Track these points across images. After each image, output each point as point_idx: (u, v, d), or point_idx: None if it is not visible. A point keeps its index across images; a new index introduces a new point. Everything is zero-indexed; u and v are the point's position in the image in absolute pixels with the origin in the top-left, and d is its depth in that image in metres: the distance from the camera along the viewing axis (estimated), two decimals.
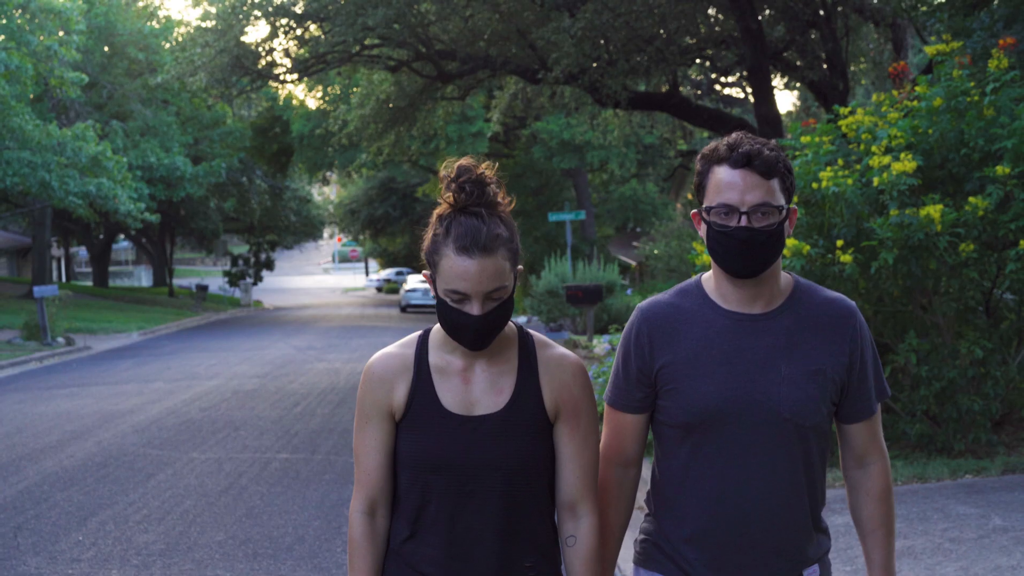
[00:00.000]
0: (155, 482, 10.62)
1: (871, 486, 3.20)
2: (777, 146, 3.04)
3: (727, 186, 2.99)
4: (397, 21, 18.46)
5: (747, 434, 3.06)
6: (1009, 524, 7.28)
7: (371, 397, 3.08)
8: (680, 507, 3.16)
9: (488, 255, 2.91)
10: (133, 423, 14.52)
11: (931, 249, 8.87)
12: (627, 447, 3.24)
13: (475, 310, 2.93)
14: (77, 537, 8.56)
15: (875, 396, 3.18)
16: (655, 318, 3.17)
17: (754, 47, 16.33)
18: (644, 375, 3.17)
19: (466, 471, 2.99)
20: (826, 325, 3.11)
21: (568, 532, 3.13)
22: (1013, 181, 9.00)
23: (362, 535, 3.06)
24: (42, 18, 31.96)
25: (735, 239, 2.99)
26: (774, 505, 3.07)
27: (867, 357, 3.15)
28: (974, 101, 9.40)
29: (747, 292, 3.10)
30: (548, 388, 3.08)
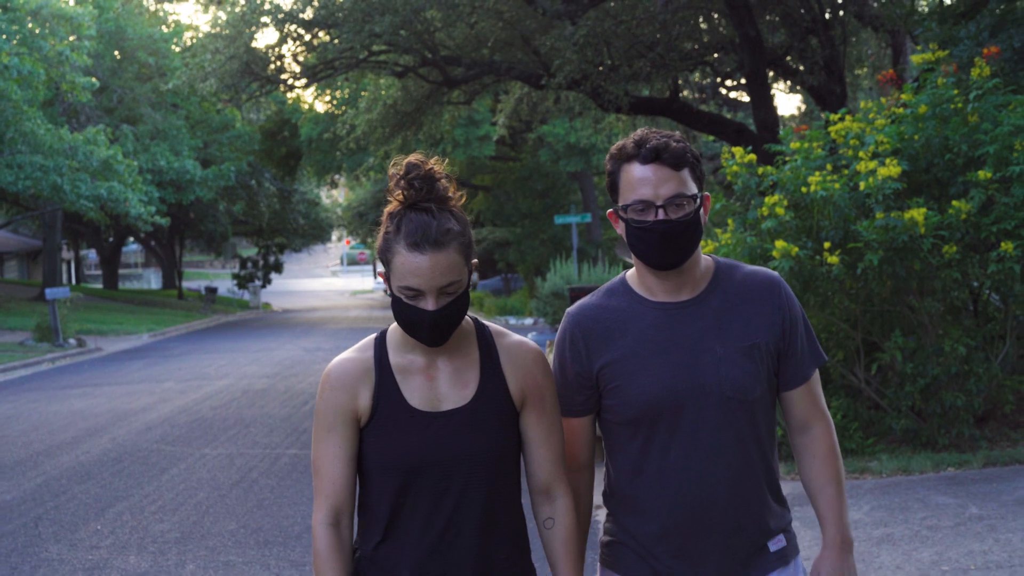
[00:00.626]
0: (169, 476, 11.00)
1: (815, 447, 3.24)
2: (683, 137, 3.10)
3: (640, 182, 3.05)
4: (404, 28, 18.80)
5: (695, 419, 3.10)
6: (985, 513, 7.62)
7: (332, 404, 3.04)
8: (640, 501, 3.19)
9: (440, 250, 2.91)
10: (146, 421, 14.91)
11: (915, 251, 9.22)
12: (576, 451, 3.27)
13: (430, 305, 2.93)
14: (96, 526, 8.95)
15: (810, 361, 3.23)
16: (586, 321, 3.23)
17: (752, 53, 16.68)
18: (583, 378, 3.21)
19: (439, 468, 2.99)
20: (752, 298, 3.18)
21: (545, 515, 3.15)
22: (995, 185, 9.35)
23: (328, 547, 3.01)
24: (53, 24, 32.36)
25: (654, 233, 3.05)
26: (733, 484, 3.11)
27: (797, 323, 3.22)
28: (958, 108, 9.76)
29: (672, 282, 3.16)
30: (512, 376, 3.10)
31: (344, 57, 19.94)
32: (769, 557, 3.19)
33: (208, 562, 7.87)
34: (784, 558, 3.21)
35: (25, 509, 9.63)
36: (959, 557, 6.75)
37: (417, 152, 3.04)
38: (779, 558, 3.20)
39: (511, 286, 53.15)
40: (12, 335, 31.20)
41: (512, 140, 44.40)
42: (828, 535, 3.23)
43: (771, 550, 3.19)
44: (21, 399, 18.19)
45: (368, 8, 18.04)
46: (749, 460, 3.14)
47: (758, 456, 3.17)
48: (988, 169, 9.32)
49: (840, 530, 3.22)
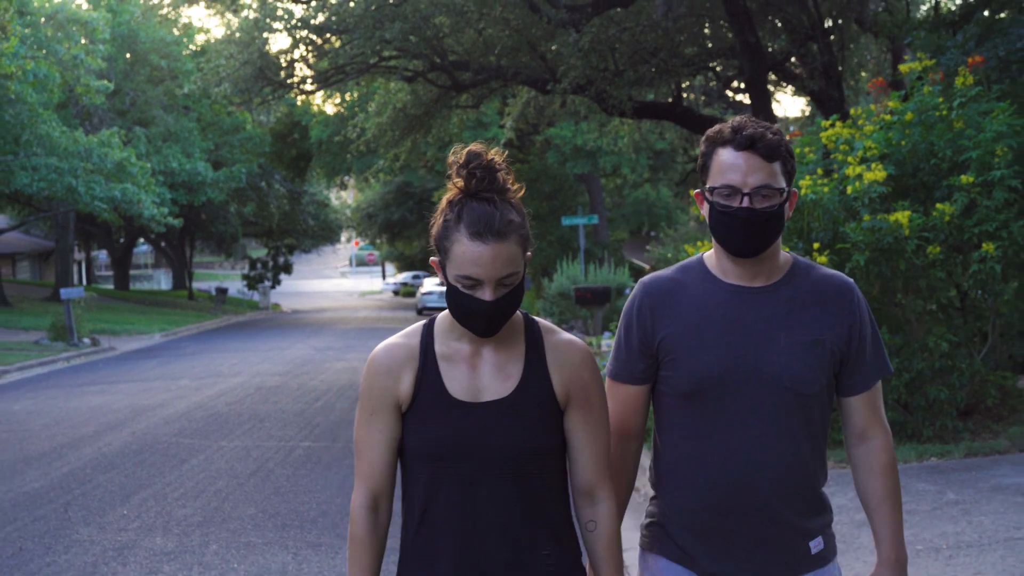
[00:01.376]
0: (188, 466, 11.49)
1: (873, 461, 3.24)
2: (779, 130, 3.13)
3: (730, 168, 3.07)
4: (413, 34, 19.32)
5: (748, 403, 3.12)
6: (961, 498, 8.08)
7: (376, 388, 3.06)
8: (683, 479, 3.21)
9: (501, 241, 2.90)
10: (164, 416, 15.40)
11: (900, 251, 9.68)
12: (629, 419, 3.30)
13: (488, 296, 2.92)
14: (122, 511, 9.44)
15: (875, 370, 3.25)
16: (656, 291, 3.26)
17: (752, 60, 17.17)
18: (646, 346, 3.24)
19: (476, 459, 2.97)
20: (825, 298, 3.19)
21: (587, 518, 3.13)
22: (977, 189, 9.80)
23: (364, 530, 3.05)
24: (68, 28, 32.90)
25: (737, 219, 3.07)
26: (776, 473, 3.12)
27: (866, 331, 3.22)
28: (943, 115, 10.22)
29: (747, 269, 3.19)
30: (557, 373, 3.07)
31: (355, 62, 20.43)
32: (808, 559, 3.21)
33: (230, 543, 8.36)
34: (822, 560, 3.24)
35: (54, 496, 10.13)
36: (933, 537, 7.21)
37: (478, 142, 3.05)
38: (817, 560, 3.23)
39: None
40: (27, 334, 31.70)
41: (520, 142, 44.81)
42: (884, 552, 3.23)
43: (812, 552, 3.21)
44: (40, 396, 18.68)
45: (379, 15, 18.55)
46: (797, 454, 3.16)
47: (807, 452, 3.18)
48: (971, 173, 9.77)
49: (895, 548, 3.22)
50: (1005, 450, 9.65)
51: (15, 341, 29.70)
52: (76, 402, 17.42)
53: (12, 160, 31.21)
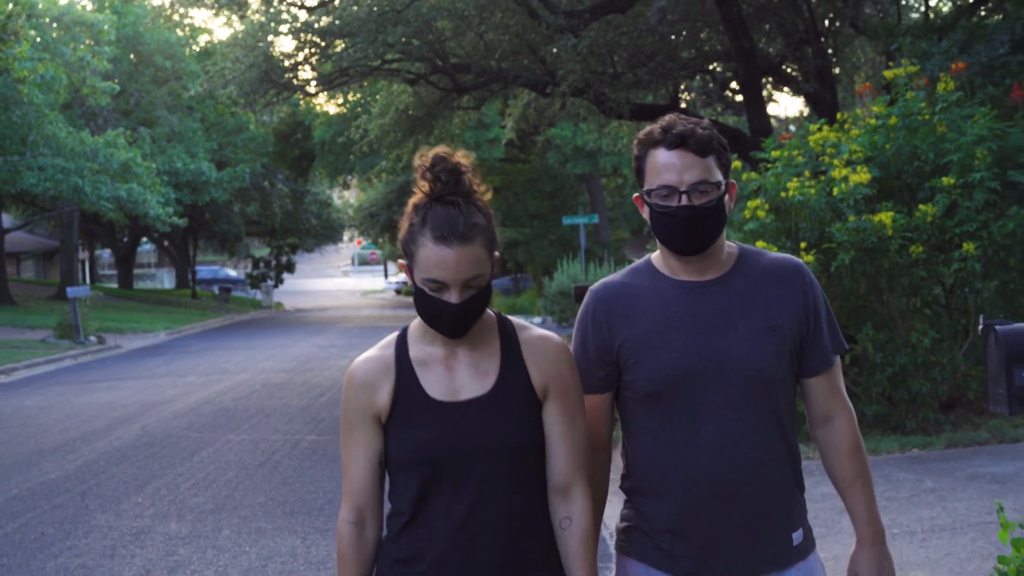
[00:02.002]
0: (199, 458, 11.89)
1: (839, 442, 3.22)
2: (710, 125, 3.12)
3: (664, 167, 3.06)
4: (415, 37, 19.71)
5: (714, 396, 3.08)
6: (938, 486, 8.48)
7: (354, 403, 3.06)
8: (657, 481, 3.16)
9: (466, 244, 2.91)
10: (172, 411, 15.81)
11: (884, 251, 10.07)
12: (595, 429, 3.24)
13: (453, 298, 2.92)
14: (137, 499, 9.85)
15: (832, 348, 3.23)
16: (609, 297, 3.23)
17: (746, 64, 17.57)
18: (604, 353, 3.21)
19: (459, 458, 2.95)
20: (776, 282, 3.18)
21: (562, 515, 3.07)
22: (958, 190, 10.19)
23: (349, 546, 3.04)
24: (74, 30, 33.30)
25: (677, 218, 3.06)
26: (754, 467, 3.09)
27: (820, 310, 3.21)
28: (926, 120, 10.61)
29: (695, 265, 3.16)
30: (534, 367, 3.05)
31: (359, 66, 20.82)
32: (791, 551, 3.17)
33: (241, 528, 8.77)
34: (803, 551, 3.20)
35: (70, 485, 10.54)
36: (909, 522, 7.60)
37: (443, 145, 3.03)
38: (799, 552, 3.18)
39: (520, 286, 53.95)
40: (32, 333, 32.02)
41: (521, 142, 45.22)
42: (861, 530, 3.24)
43: (794, 543, 3.17)
44: (50, 392, 19.07)
45: (382, 19, 18.92)
46: (770, 442, 3.14)
47: (779, 438, 3.16)
48: (952, 176, 10.16)
49: (872, 524, 3.22)
50: (984, 441, 10.05)
51: (22, 339, 30.05)
52: (85, 398, 17.81)
53: (18, 160, 31.61)
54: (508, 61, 21.11)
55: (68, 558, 8.00)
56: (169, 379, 20.64)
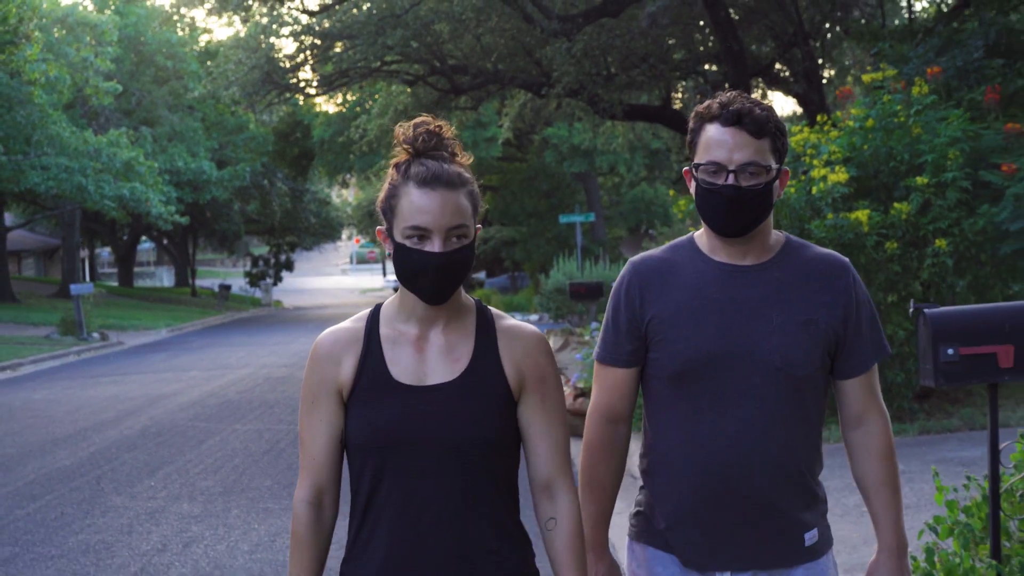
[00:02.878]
0: (206, 446, 12.39)
1: (871, 444, 3.12)
2: (769, 107, 3.03)
3: (716, 144, 2.98)
4: (414, 40, 20.25)
5: (739, 384, 3.02)
6: (907, 468, 8.98)
7: (318, 375, 2.91)
8: (672, 465, 3.11)
9: (451, 190, 2.79)
10: (178, 403, 16.31)
11: (860, 247, 10.58)
12: (617, 403, 3.18)
13: (437, 247, 2.77)
14: (149, 483, 10.36)
15: (871, 352, 3.14)
16: (645, 270, 3.16)
17: (736, 67, 18.08)
18: (634, 326, 3.13)
19: (420, 447, 2.82)
20: (819, 277, 3.09)
21: (547, 515, 2.95)
22: (931, 189, 10.71)
23: (305, 526, 2.91)
24: (78, 31, 33.79)
25: (722, 197, 2.98)
26: (767, 458, 3.01)
27: (862, 311, 3.12)
28: (902, 122, 11.12)
29: (737, 247, 3.08)
30: (509, 357, 2.92)
31: (359, 67, 21.34)
32: (802, 550, 3.09)
33: (250, 509, 9.28)
34: (815, 552, 3.12)
35: (85, 471, 11.04)
36: None
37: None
38: (811, 552, 3.11)
39: (517, 284, 54.43)
40: (35, 329, 32.46)
41: (518, 141, 45.67)
42: (884, 538, 3.13)
43: (806, 544, 3.09)
44: (57, 386, 19.56)
45: (381, 22, 19.45)
46: (789, 439, 3.05)
47: (800, 437, 3.07)
48: (926, 175, 10.68)
49: (896, 533, 3.12)
50: (956, 428, 10.57)
51: (26, 335, 30.52)
52: (92, 391, 18.30)
53: (22, 160, 32.09)
54: (504, 62, 21.64)
55: (88, 535, 8.51)
56: (173, 374, 21.13)
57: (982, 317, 4.27)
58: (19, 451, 12.31)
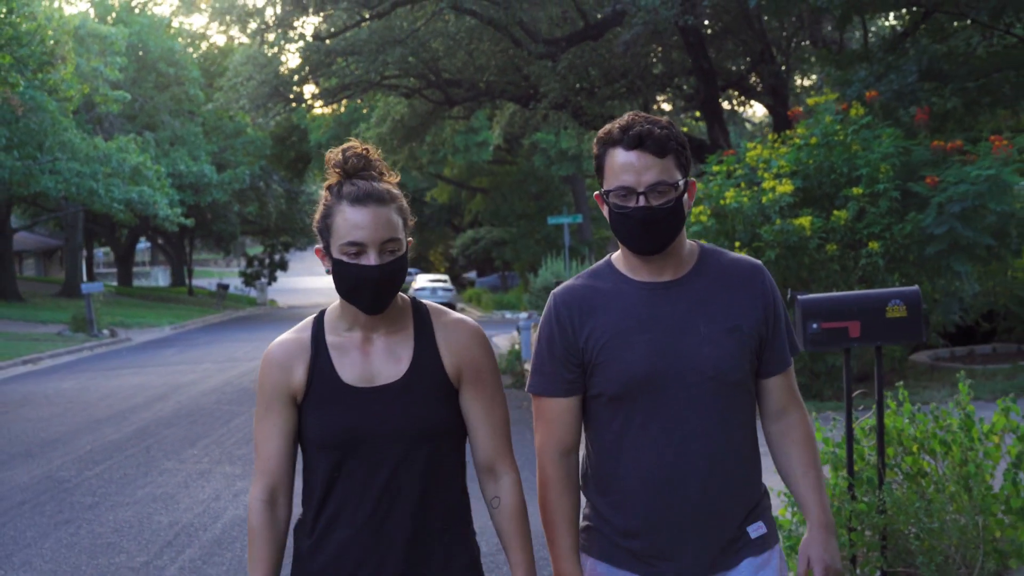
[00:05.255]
0: (234, 424, 14.04)
1: (794, 433, 3.22)
2: (669, 123, 3.08)
3: (623, 168, 3.02)
4: (412, 56, 21.93)
5: (676, 397, 3.08)
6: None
7: (270, 383, 3.06)
8: (617, 481, 3.17)
9: (381, 205, 2.94)
10: (200, 390, 17.95)
11: (804, 249, 12.26)
12: (563, 434, 3.22)
13: (372, 260, 2.93)
14: (192, 452, 12.02)
15: (789, 350, 3.24)
16: (572, 300, 3.20)
17: (706, 84, 19.79)
18: (571, 353, 3.17)
19: (372, 442, 2.99)
20: (737, 283, 3.16)
21: (491, 494, 3.14)
22: (866, 199, 12.39)
23: (261, 524, 3.05)
24: (88, 42, 35.35)
25: (635, 219, 3.03)
26: (711, 465, 3.10)
27: (779, 311, 3.21)
28: (841, 139, 12.81)
29: (655, 265, 3.14)
30: (447, 352, 3.09)
31: (361, 82, 23.00)
32: (748, 543, 3.18)
33: None
34: (763, 544, 3.21)
35: (133, 443, 12.70)
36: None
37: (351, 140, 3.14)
38: (758, 544, 3.20)
39: (507, 283, 55.88)
40: (45, 327, 33.86)
41: (508, 145, 47.14)
42: (813, 516, 3.22)
43: (751, 536, 3.19)
44: (81, 377, 21.13)
45: (382, 40, 21.12)
46: (730, 441, 3.14)
47: (740, 438, 3.16)
48: (862, 186, 12.37)
49: (824, 512, 3.21)
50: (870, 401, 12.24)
51: (39, 333, 31.94)
52: (116, 382, 19.88)
53: (33, 164, 33.57)
54: (495, 75, 23.31)
55: (152, 488, 10.18)
56: (187, 366, 22.72)
57: (837, 301, 5.91)
58: (69, 429, 13.94)
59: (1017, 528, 6.05)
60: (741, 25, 20.98)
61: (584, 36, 20.26)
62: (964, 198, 11.96)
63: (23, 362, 24.70)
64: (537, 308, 34.36)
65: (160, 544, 8.21)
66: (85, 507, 9.49)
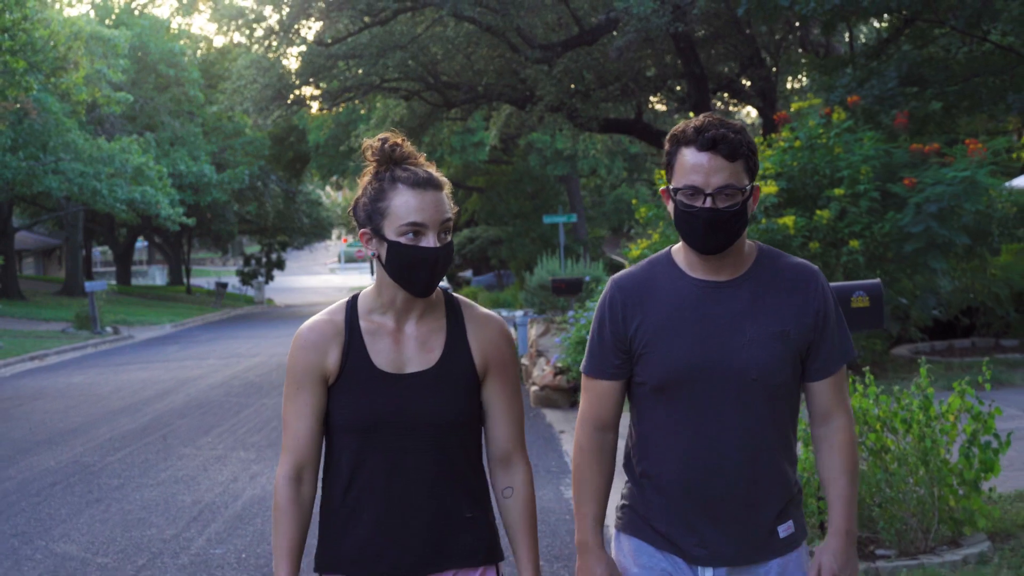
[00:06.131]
0: (244, 414, 14.66)
1: (835, 439, 3.27)
2: (742, 129, 3.16)
3: (693, 168, 3.09)
4: (411, 60, 22.57)
5: (717, 394, 3.17)
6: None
7: (303, 363, 3.11)
8: (655, 467, 3.27)
9: (439, 190, 3.04)
10: (207, 383, 18.57)
11: (788, 247, 12.87)
12: (604, 413, 3.34)
13: (432, 241, 3.01)
14: (207, 439, 12.65)
15: (838, 355, 3.27)
16: (627, 287, 3.30)
17: (698, 88, 20.44)
18: (619, 341, 3.28)
19: (401, 428, 3.08)
20: (789, 288, 3.22)
21: (504, 484, 3.23)
22: (847, 199, 13.03)
23: (287, 500, 3.11)
24: (92, 44, 35.91)
25: (700, 219, 3.10)
26: (744, 461, 3.18)
27: (830, 317, 3.25)
28: (824, 143, 13.44)
29: (713, 264, 3.22)
30: (476, 345, 3.18)
31: (362, 85, 23.63)
32: (776, 542, 3.27)
33: None
34: (791, 544, 3.30)
35: (149, 432, 13.33)
36: None
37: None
38: (786, 544, 3.29)
39: (503, 281, 56.36)
40: (48, 325, 34.36)
41: (504, 145, 47.63)
42: (835, 523, 3.29)
43: (780, 536, 3.27)
44: (89, 372, 21.70)
45: (383, 45, 21.76)
46: (765, 441, 3.21)
47: (775, 438, 3.24)
48: (843, 187, 13.00)
49: (847, 520, 3.27)
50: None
51: (43, 330, 32.43)
52: (124, 376, 20.48)
53: (36, 165, 34.13)
54: (492, 78, 23.95)
55: (173, 471, 10.83)
56: (192, 362, 23.30)
57: None
58: (86, 420, 14.55)
59: (970, 498, 6.71)
60: (731, 30, 21.62)
61: (579, 41, 20.92)
62: (940, 199, 12.59)
63: (30, 358, 25.20)
64: (532, 305, 34.91)
65: (186, 519, 8.87)
66: (112, 488, 10.14)
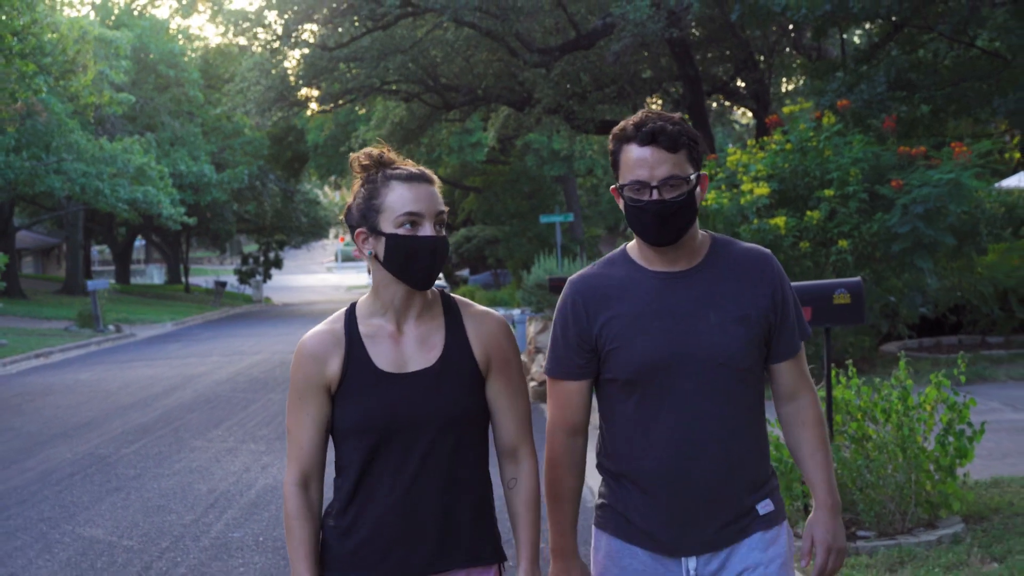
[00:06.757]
0: (251, 409, 15.08)
1: (804, 415, 3.35)
2: (680, 120, 3.21)
3: (637, 163, 3.15)
4: (412, 62, 22.99)
5: (687, 383, 3.21)
6: None
7: (304, 374, 3.17)
8: (630, 461, 3.30)
9: (431, 183, 3.14)
10: (213, 379, 18.98)
11: (779, 246, 13.31)
12: (573, 415, 3.37)
13: (429, 231, 3.08)
14: (217, 432, 13.07)
15: (798, 335, 3.36)
16: (587, 288, 3.33)
17: (693, 90, 20.88)
18: (584, 340, 3.31)
19: (405, 427, 3.10)
20: (746, 273, 3.28)
21: (510, 475, 3.28)
22: (836, 200, 13.46)
23: (297, 507, 3.16)
24: (96, 46, 36.28)
25: (649, 212, 3.16)
26: (720, 448, 3.23)
27: (787, 298, 3.33)
28: (814, 145, 13.87)
29: (668, 255, 3.28)
30: (477, 341, 3.22)
31: (363, 87, 24.04)
32: (755, 518, 3.31)
33: None
34: (770, 521, 3.33)
35: (161, 425, 13.75)
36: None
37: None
38: (766, 521, 3.32)
39: (500, 280, 56.67)
40: (50, 323, 34.60)
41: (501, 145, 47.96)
42: (819, 497, 3.36)
43: (759, 513, 3.31)
44: (95, 369, 22.07)
45: (384, 48, 22.18)
46: (738, 425, 3.27)
47: (747, 422, 3.29)
48: (833, 189, 13.43)
49: (830, 493, 3.35)
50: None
51: (45, 328, 32.71)
52: (131, 373, 20.85)
53: (38, 165, 34.49)
54: (491, 81, 24.38)
55: (187, 462, 11.26)
56: (196, 359, 23.69)
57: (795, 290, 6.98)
58: (98, 414, 14.97)
59: (945, 483, 7.15)
60: (725, 33, 22.05)
61: (576, 45, 21.36)
62: (927, 200, 13.03)
63: (35, 356, 25.52)
64: (529, 304, 35.31)
65: (204, 506, 9.30)
66: (130, 478, 10.58)
